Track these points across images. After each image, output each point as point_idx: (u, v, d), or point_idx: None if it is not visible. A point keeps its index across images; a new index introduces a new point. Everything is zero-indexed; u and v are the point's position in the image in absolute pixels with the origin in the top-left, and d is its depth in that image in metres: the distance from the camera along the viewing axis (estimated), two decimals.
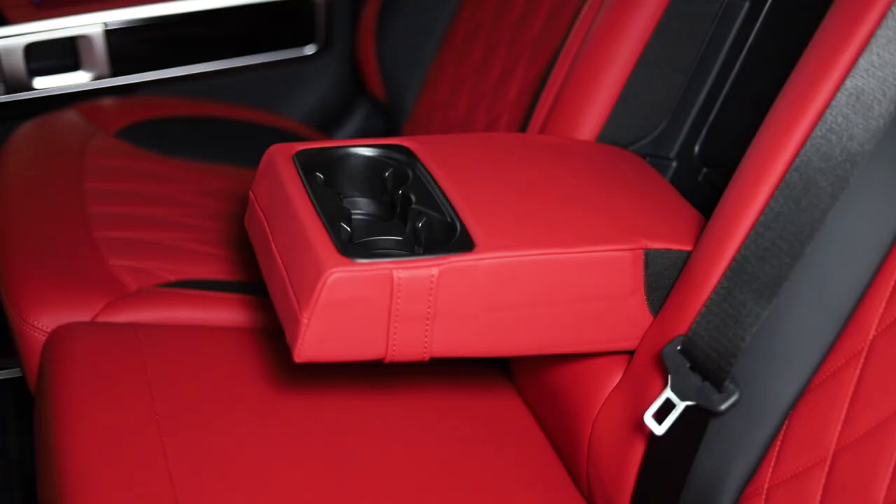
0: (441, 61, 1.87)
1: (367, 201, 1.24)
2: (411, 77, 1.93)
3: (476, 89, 1.77)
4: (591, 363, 1.23)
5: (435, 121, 1.84)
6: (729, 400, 1.03)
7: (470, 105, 1.77)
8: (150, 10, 1.94)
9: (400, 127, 1.96)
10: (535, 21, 1.68)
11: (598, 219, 1.17)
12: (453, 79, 1.83)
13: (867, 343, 0.98)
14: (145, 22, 1.95)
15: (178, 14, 1.97)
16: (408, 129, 1.93)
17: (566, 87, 1.41)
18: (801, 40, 1.31)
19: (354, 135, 2.21)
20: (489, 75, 1.74)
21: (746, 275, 1.04)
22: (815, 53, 1.06)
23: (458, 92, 1.80)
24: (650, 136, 1.41)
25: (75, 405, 1.23)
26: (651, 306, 1.17)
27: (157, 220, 1.60)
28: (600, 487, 1.20)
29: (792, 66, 1.30)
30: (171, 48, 2.01)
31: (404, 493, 1.22)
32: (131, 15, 1.93)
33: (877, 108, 0.99)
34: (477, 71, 1.78)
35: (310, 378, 1.33)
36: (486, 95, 1.74)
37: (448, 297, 1.07)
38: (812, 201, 1.01)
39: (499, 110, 1.69)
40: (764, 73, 1.35)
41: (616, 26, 1.37)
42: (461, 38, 1.84)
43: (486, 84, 1.75)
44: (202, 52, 2.03)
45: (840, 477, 0.97)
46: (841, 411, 0.99)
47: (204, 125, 1.95)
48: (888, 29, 1.00)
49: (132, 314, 1.40)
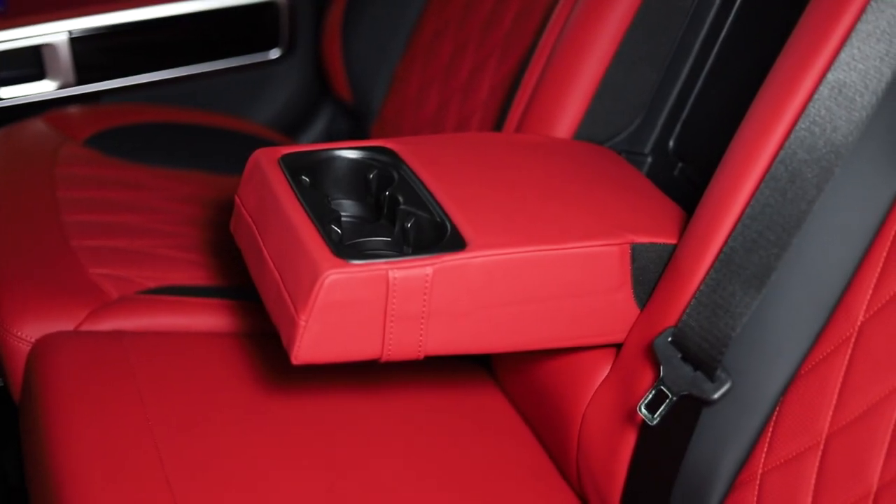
0: (408, 61, 1.88)
1: (351, 203, 1.25)
2: (378, 78, 1.94)
3: (445, 88, 1.78)
4: (577, 358, 1.25)
5: (404, 121, 1.85)
6: (721, 389, 1.05)
7: (440, 104, 1.78)
8: (115, 17, 1.94)
9: (368, 128, 1.97)
10: (505, 19, 1.69)
11: (584, 215, 1.19)
12: (421, 78, 1.84)
13: (856, 329, 1.01)
14: (110, 29, 1.95)
15: (143, 21, 1.96)
16: (376, 130, 1.94)
17: (542, 84, 1.43)
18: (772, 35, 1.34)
19: (320, 137, 2.21)
20: (458, 74, 1.76)
21: (735, 266, 1.06)
22: (796, 47, 1.09)
23: (427, 91, 1.82)
24: (625, 133, 1.43)
25: (66, 415, 1.23)
26: (638, 300, 1.19)
27: (132, 227, 1.60)
28: (591, 480, 1.22)
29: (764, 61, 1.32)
30: (136, 55, 2.01)
31: (397, 490, 1.23)
32: (96, 22, 1.93)
33: (859, 100, 1.01)
34: (446, 70, 1.79)
35: (297, 380, 1.34)
36: (457, 94, 1.75)
37: (442, 295, 1.09)
38: (798, 193, 1.03)
39: (470, 109, 1.71)
40: (736, 68, 1.38)
41: (591, 24, 1.39)
42: (428, 38, 1.85)
43: (455, 83, 1.76)
44: (167, 59, 2.03)
45: (833, 460, 1.00)
46: (832, 396, 1.01)
47: (171, 131, 1.95)
48: (868, 23, 1.02)
49: (116, 322, 1.40)
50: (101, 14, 1.93)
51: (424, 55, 1.85)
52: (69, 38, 1.90)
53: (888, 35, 1.01)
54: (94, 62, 1.96)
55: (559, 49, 1.43)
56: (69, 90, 1.95)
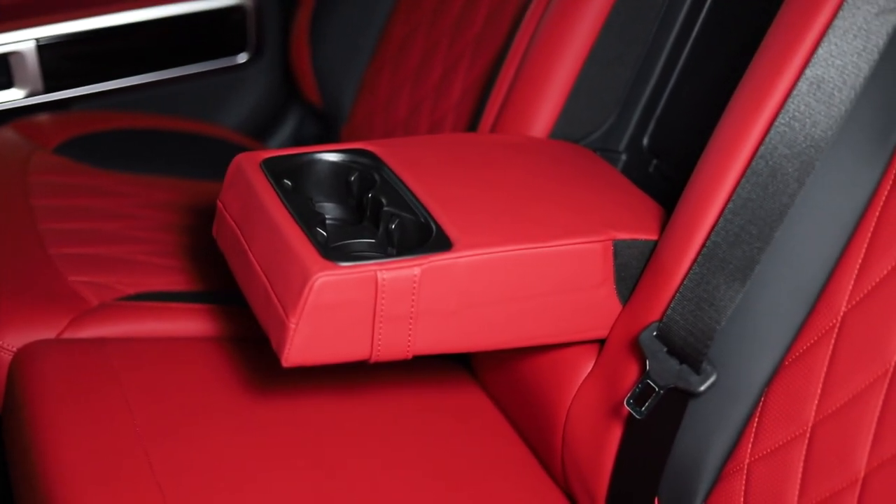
0: (378, 65, 1.89)
1: (333, 206, 1.26)
2: (348, 82, 1.95)
3: (416, 91, 1.79)
4: (560, 354, 1.27)
5: (375, 124, 1.86)
6: (707, 381, 1.07)
7: (411, 107, 1.79)
8: (82, 24, 1.93)
9: (338, 131, 1.97)
10: (475, 21, 1.70)
11: (566, 213, 1.21)
12: (391, 82, 1.85)
13: (838, 319, 1.03)
14: (77, 36, 1.94)
15: (111, 27, 1.96)
16: (346, 134, 1.94)
17: (517, 85, 1.45)
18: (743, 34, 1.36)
19: (289, 140, 2.22)
20: (429, 77, 1.77)
21: (718, 260, 1.08)
22: (773, 44, 1.11)
23: (398, 95, 1.83)
24: (600, 131, 1.45)
25: (53, 423, 1.23)
26: (620, 296, 1.20)
27: (108, 234, 1.60)
28: (577, 475, 1.23)
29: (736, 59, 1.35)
30: (104, 62, 2.00)
31: (384, 490, 1.24)
32: (63, 30, 1.92)
33: (837, 95, 1.04)
34: (416, 73, 1.80)
35: (282, 383, 1.35)
36: (428, 97, 1.76)
37: (429, 295, 1.10)
38: (779, 187, 1.05)
39: (443, 111, 1.72)
40: (708, 66, 1.40)
41: (565, 24, 1.41)
42: (397, 41, 1.86)
43: (426, 86, 1.77)
44: (135, 65, 2.02)
45: (820, 448, 1.02)
46: (817, 386, 1.03)
47: (141, 137, 1.95)
48: (844, 20, 1.04)
49: (97, 329, 1.40)
50: (69, 21, 1.92)
51: (394, 58, 1.86)
52: (37, 46, 1.90)
53: (865, 31, 1.03)
54: (63, 69, 1.95)
55: (533, 50, 1.44)
56: (38, 98, 1.94)
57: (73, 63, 1.97)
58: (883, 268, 1.01)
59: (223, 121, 2.14)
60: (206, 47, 2.09)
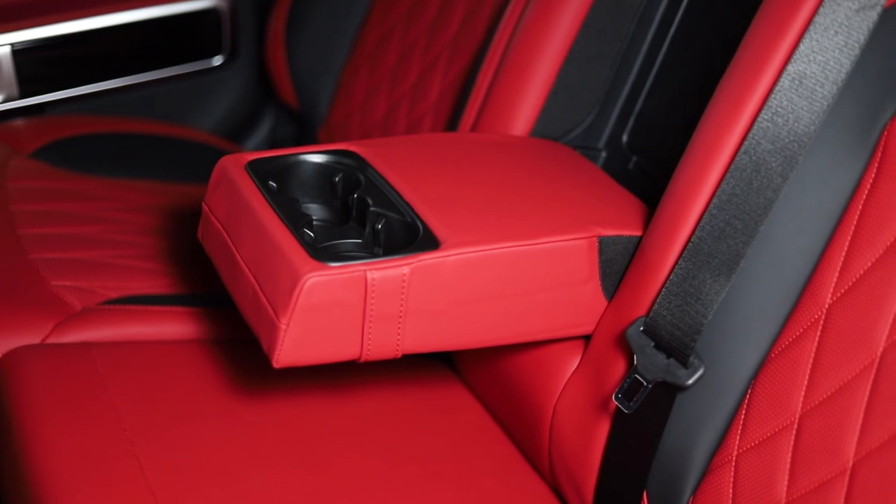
0: (354, 66, 1.89)
1: (318, 206, 1.26)
2: (324, 83, 1.95)
3: (393, 92, 1.80)
4: (545, 351, 1.28)
5: (352, 125, 1.87)
6: (695, 374, 1.08)
7: (389, 108, 1.80)
8: (57, 28, 1.93)
9: (315, 133, 1.98)
10: (451, 23, 1.71)
11: (551, 210, 1.22)
12: (368, 83, 1.86)
13: (824, 311, 1.04)
14: (52, 41, 1.93)
15: (86, 31, 1.95)
16: (324, 135, 1.95)
17: (497, 84, 1.46)
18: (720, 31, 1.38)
19: (265, 142, 2.22)
20: (406, 78, 1.78)
21: (704, 254, 1.09)
22: (754, 41, 1.12)
23: (375, 96, 1.83)
24: (580, 129, 1.46)
25: (42, 429, 1.22)
26: (605, 291, 1.22)
27: (89, 238, 1.59)
28: (565, 470, 1.24)
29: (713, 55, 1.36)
30: (79, 66, 1.99)
31: (372, 488, 1.25)
32: (38, 34, 1.91)
33: (820, 90, 1.05)
34: (393, 74, 1.81)
35: (267, 384, 1.35)
36: (406, 98, 1.77)
37: (418, 294, 1.11)
38: (763, 181, 1.06)
39: (420, 112, 1.73)
40: (686, 63, 1.41)
41: (544, 24, 1.42)
42: (373, 43, 1.87)
43: (403, 87, 1.78)
44: (111, 69, 2.02)
45: (808, 439, 1.03)
46: (803, 377, 1.04)
47: (118, 141, 1.95)
48: (825, 16, 1.06)
49: (82, 333, 1.40)
50: (43, 26, 1.92)
51: (370, 60, 1.86)
52: (11, 51, 1.89)
53: (846, 27, 1.05)
54: (38, 74, 1.94)
55: (513, 49, 1.45)
56: (13, 103, 1.93)
57: (49, 68, 1.97)
58: (867, 260, 1.02)
59: (199, 123, 2.14)
60: (182, 50, 2.08)
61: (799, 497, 1.03)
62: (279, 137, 2.20)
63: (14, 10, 1.92)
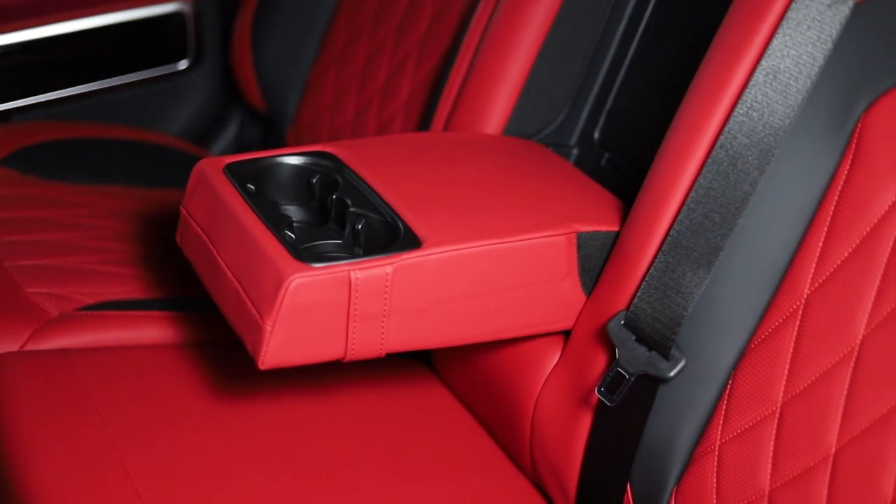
0: (322, 67, 1.90)
1: (296, 208, 1.27)
2: (291, 85, 1.95)
3: (363, 93, 1.80)
4: (524, 347, 1.29)
5: (322, 126, 1.87)
6: (677, 366, 1.10)
7: (358, 109, 1.80)
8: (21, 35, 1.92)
9: (283, 135, 1.98)
10: (420, 22, 1.72)
11: (529, 207, 1.23)
12: (337, 84, 1.86)
13: (802, 302, 1.06)
14: (16, 47, 1.92)
15: (51, 37, 1.95)
16: (292, 137, 1.95)
17: (469, 83, 1.47)
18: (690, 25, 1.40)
19: (231, 145, 2.22)
20: (376, 78, 1.78)
21: (683, 248, 1.10)
22: (727, 36, 1.14)
23: (344, 96, 1.84)
24: (552, 126, 1.47)
25: (26, 437, 1.22)
26: (584, 286, 1.23)
27: (62, 245, 1.59)
28: (547, 465, 1.25)
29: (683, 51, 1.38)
30: (45, 72, 1.99)
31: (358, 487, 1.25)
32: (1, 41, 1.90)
33: (793, 84, 1.07)
34: (362, 75, 1.81)
35: (248, 386, 1.35)
36: (375, 98, 1.77)
37: (401, 293, 1.12)
38: (740, 175, 1.08)
39: (390, 112, 1.73)
40: (656, 59, 1.43)
41: (515, 21, 1.43)
42: (341, 44, 1.87)
43: (373, 87, 1.79)
44: (77, 75, 2.01)
45: (790, 427, 1.05)
46: (784, 367, 1.06)
47: (86, 147, 1.94)
48: (797, 11, 1.08)
49: (60, 340, 1.40)
50: (7, 33, 1.91)
51: (338, 61, 1.87)
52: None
53: (818, 22, 1.07)
54: (2, 81, 1.94)
55: (484, 48, 1.46)
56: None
57: (13, 74, 1.96)
58: (844, 250, 1.04)
59: (166, 128, 2.14)
60: (147, 55, 2.08)
61: (783, 485, 1.04)
62: (246, 140, 2.20)
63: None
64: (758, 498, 1.06)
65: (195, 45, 2.11)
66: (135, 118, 2.09)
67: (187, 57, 2.11)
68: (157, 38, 2.08)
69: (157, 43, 2.08)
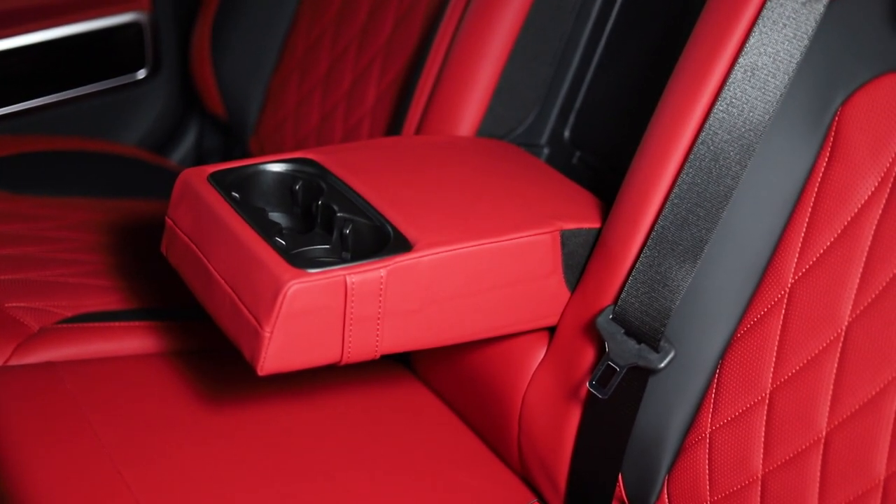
0: (284, 74, 1.91)
1: (280, 215, 1.28)
2: (252, 92, 1.96)
3: (327, 99, 1.82)
4: (509, 345, 1.31)
5: (285, 134, 1.88)
6: (667, 358, 1.13)
7: (323, 115, 1.81)
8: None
9: (245, 142, 1.98)
10: (384, 27, 1.74)
11: (512, 207, 1.25)
12: (300, 90, 1.87)
13: (786, 291, 1.09)
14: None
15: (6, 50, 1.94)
16: (254, 145, 1.96)
17: (441, 86, 1.49)
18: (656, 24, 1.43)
19: (191, 153, 2.22)
20: (340, 84, 1.79)
21: (668, 243, 1.13)
22: (704, 35, 1.17)
23: (308, 103, 1.85)
24: (523, 126, 1.50)
25: (20, 451, 1.22)
26: (568, 283, 1.26)
27: (35, 258, 1.59)
28: (536, 460, 1.28)
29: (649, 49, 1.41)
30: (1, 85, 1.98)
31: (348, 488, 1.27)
32: None
33: (772, 80, 1.10)
34: (325, 80, 1.83)
35: (235, 393, 1.37)
36: (341, 104, 1.79)
37: (395, 295, 1.14)
38: (722, 170, 1.11)
39: (357, 117, 1.75)
40: (623, 58, 1.46)
41: (486, 24, 1.46)
42: (302, 50, 1.88)
43: (337, 93, 1.80)
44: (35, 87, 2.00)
45: (780, 412, 1.08)
46: (771, 354, 1.09)
47: (47, 160, 1.94)
48: (772, 10, 1.11)
49: (44, 354, 1.40)
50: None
51: (301, 67, 1.88)
52: None
53: (794, 20, 1.10)
54: None
55: (455, 52, 1.48)
56: None
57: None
58: (826, 240, 1.07)
59: (124, 138, 2.14)
60: (105, 65, 2.08)
61: (776, 468, 1.08)
62: (206, 148, 2.20)
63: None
64: (751, 482, 1.09)
65: (153, 55, 2.11)
66: (94, 129, 2.09)
67: (145, 66, 2.11)
68: (114, 49, 2.08)
69: (115, 53, 2.08)
